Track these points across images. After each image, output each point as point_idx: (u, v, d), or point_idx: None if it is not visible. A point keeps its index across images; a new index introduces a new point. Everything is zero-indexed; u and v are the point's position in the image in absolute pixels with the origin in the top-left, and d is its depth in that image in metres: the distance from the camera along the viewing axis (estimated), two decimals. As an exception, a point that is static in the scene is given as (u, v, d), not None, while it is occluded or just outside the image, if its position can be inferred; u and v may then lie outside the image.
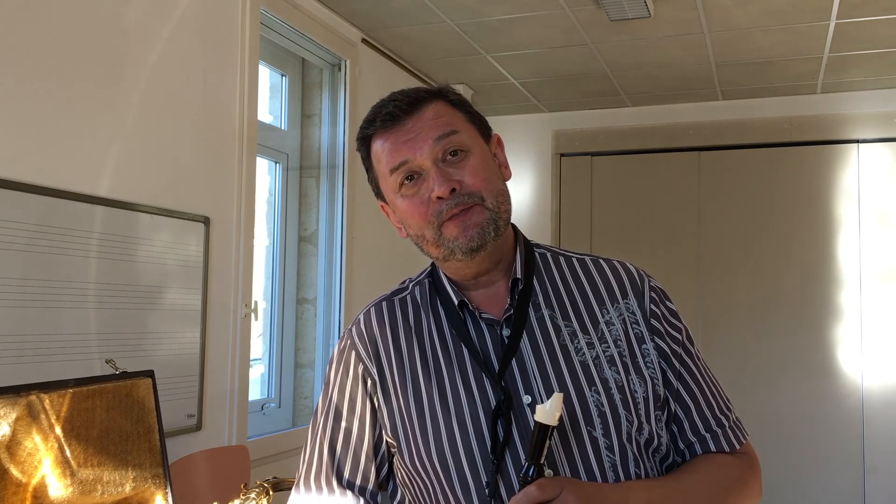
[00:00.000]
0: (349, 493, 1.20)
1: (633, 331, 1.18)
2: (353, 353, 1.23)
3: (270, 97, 3.14)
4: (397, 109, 1.16)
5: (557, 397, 1.02)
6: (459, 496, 1.11)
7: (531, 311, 1.18)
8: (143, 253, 2.18)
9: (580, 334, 1.16)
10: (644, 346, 1.17)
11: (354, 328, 1.25)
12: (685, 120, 4.26)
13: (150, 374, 1.86)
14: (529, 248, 1.25)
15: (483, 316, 1.18)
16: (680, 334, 1.21)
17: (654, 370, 1.16)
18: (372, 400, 1.20)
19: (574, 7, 3.00)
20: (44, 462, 1.55)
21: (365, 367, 1.21)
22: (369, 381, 1.20)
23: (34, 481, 1.53)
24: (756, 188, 4.16)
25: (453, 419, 1.13)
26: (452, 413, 1.13)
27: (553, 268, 1.24)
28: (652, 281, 1.24)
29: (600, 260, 1.26)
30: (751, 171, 4.18)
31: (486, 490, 1.09)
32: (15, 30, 1.85)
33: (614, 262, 1.25)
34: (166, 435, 1.90)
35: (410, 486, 1.19)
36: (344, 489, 1.20)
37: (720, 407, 1.21)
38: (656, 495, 1.08)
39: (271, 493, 1.66)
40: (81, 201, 1.99)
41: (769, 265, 4.11)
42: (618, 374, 1.14)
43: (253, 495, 1.64)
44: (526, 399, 1.11)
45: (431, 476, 1.14)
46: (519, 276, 1.19)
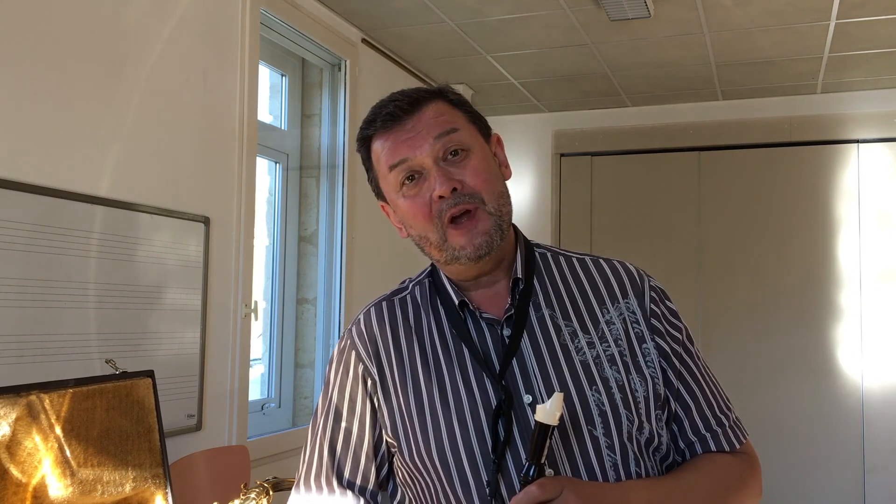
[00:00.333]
0: (349, 493, 1.20)
1: (634, 330, 1.18)
2: (353, 353, 1.23)
3: (270, 97, 3.14)
4: (397, 109, 1.16)
5: (558, 397, 1.02)
6: (460, 496, 1.11)
7: (531, 311, 1.18)
8: (143, 253, 2.18)
9: (580, 334, 1.16)
10: (644, 346, 1.17)
11: (354, 328, 1.25)
12: (685, 120, 4.26)
13: (150, 374, 1.86)
14: (530, 248, 1.25)
15: (483, 316, 1.18)
16: (680, 334, 1.21)
17: (655, 369, 1.16)
18: (372, 400, 1.20)
19: (574, 7, 3.00)
20: (44, 462, 1.55)
21: (365, 367, 1.21)
22: (369, 381, 1.20)
23: (34, 481, 1.53)
24: (756, 188, 4.16)
25: (454, 418, 1.13)
26: (453, 412, 1.13)
27: (553, 268, 1.24)
28: (652, 280, 1.24)
29: (600, 260, 1.26)
30: (751, 171, 4.18)
31: (487, 489, 1.09)
32: (15, 30, 1.85)
33: (614, 262, 1.26)
34: (166, 435, 1.90)
35: (411, 486, 1.19)
36: (344, 489, 1.20)
37: (720, 406, 1.21)
38: (656, 494, 1.08)
39: (271, 493, 1.66)
40: (81, 201, 1.99)
41: (769, 265, 4.11)
42: (618, 374, 1.14)
43: (253, 495, 1.64)
44: (527, 398, 1.11)
45: (432, 475, 1.14)
46: (520, 276, 1.19)
